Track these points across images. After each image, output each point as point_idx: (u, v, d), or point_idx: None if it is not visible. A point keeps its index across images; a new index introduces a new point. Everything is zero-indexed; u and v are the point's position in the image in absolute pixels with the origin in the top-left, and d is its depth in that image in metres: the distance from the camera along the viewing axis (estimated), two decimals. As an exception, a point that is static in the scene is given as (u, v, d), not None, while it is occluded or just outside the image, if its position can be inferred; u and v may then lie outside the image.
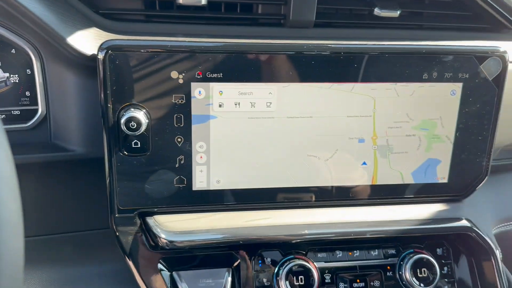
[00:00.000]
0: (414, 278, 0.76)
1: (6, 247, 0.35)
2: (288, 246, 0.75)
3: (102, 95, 0.62)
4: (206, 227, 0.71)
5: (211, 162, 0.69)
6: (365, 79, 0.69)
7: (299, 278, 0.73)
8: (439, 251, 0.81)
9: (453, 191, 0.78)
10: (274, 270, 0.74)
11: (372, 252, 0.78)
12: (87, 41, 0.64)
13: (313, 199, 0.74)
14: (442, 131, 0.74)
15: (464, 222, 0.79)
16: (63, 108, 0.70)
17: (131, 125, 0.63)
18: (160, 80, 0.64)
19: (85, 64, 0.65)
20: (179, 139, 0.66)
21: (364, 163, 0.74)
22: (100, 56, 0.61)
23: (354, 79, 0.69)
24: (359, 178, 0.75)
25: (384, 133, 0.73)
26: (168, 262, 0.72)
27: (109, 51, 0.61)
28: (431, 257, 0.77)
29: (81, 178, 0.79)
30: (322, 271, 0.76)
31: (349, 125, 0.71)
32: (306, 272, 0.73)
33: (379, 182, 0.75)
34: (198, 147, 0.68)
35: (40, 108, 0.70)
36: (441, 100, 0.73)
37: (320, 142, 0.71)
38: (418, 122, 0.73)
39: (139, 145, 0.65)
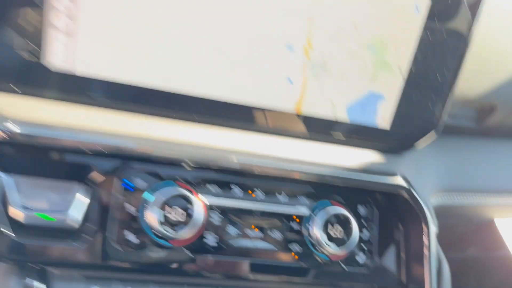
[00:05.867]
0: (324, 236, 0.60)
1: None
2: (170, 169, 0.57)
3: None
4: (58, 122, 0.52)
5: (80, 31, 0.49)
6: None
7: (180, 213, 0.55)
8: (361, 209, 0.66)
9: (393, 139, 0.63)
10: (145, 196, 0.56)
11: (278, 196, 0.62)
12: None
13: (211, 112, 0.56)
14: (394, 57, 0.58)
15: (398, 180, 0.64)
16: None
17: None
18: None
19: None
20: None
21: (289, 80, 0.57)
22: None
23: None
24: (278, 98, 0.57)
25: (321, 44, 0.55)
26: None
27: None
28: (350, 214, 0.62)
29: None
30: (210, 207, 0.59)
31: (275, 22, 0.53)
32: (188, 203, 0.55)
33: (304, 109, 0.58)
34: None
35: None
36: (400, 15, 0.56)
37: (236, 37, 0.53)
38: (367, 37, 0.56)
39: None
